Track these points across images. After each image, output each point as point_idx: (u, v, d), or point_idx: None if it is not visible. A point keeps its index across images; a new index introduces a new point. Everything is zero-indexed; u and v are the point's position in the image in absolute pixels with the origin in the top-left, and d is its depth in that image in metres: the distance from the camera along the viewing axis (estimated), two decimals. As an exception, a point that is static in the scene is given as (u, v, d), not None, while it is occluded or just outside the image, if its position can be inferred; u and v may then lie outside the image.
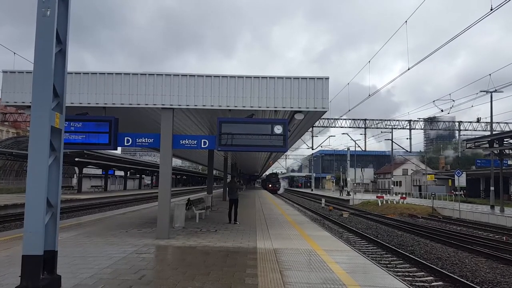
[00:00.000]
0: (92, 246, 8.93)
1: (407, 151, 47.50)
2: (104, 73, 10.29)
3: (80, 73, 10.26)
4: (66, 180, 55.18)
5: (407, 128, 45.19)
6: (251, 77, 10.27)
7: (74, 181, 57.38)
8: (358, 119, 45.55)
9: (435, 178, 57.55)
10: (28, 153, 5.05)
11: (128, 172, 66.86)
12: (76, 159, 39.37)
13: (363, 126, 45.23)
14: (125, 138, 10.49)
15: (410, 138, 45.29)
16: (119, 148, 12.47)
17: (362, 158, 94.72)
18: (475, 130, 44.61)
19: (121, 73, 10.29)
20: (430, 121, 47.48)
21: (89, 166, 51.13)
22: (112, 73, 10.28)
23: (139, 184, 74.39)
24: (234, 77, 10.26)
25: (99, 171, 59.39)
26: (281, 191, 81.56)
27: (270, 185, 77.22)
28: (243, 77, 10.26)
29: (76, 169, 49.92)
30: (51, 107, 5.16)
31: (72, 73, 10.05)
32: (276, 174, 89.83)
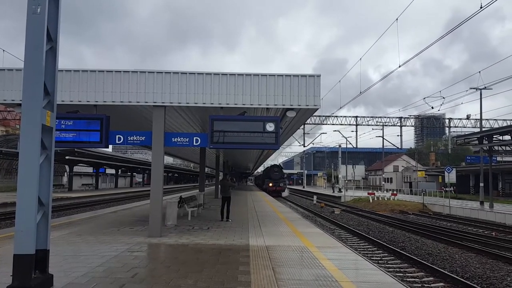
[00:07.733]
0: (84, 244, 8.88)
1: (397, 148, 47.84)
2: (95, 71, 10.20)
3: (71, 70, 10.16)
4: (56, 178, 54.60)
5: (398, 125, 45.58)
6: (243, 74, 10.25)
7: (65, 179, 56.89)
8: (350, 116, 45.81)
9: (425, 174, 58.14)
10: (19, 152, 5.01)
11: (119, 170, 66.52)
12: (67, 157, 39.05)
13: (355, 123, 45.49)
14: (117, 136, 10.42)
15: (401, 135, 45.65)
16: (110, 146, 12.40)
17: (353, 155, 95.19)
18: (465, 127, 45.13)
19: (112, 71, 10.21)
20: (421, 118, 47.93)
21: (79, 164, 50.76)
22: (103, 71, 10.20)
23: (130, 182, 74.00)
24: (226, 74, 10.24)
25: (90, 169, 59.01)
26: (285, 193, 55.47)
27: (271, 184, 49.71)
28: (235, 74, 10.24)
29: (67, 167, 49.51)
30: (42, 105, 5.13)
31: (62, 70, 9.94)
32: (279, 167, 57.46)
